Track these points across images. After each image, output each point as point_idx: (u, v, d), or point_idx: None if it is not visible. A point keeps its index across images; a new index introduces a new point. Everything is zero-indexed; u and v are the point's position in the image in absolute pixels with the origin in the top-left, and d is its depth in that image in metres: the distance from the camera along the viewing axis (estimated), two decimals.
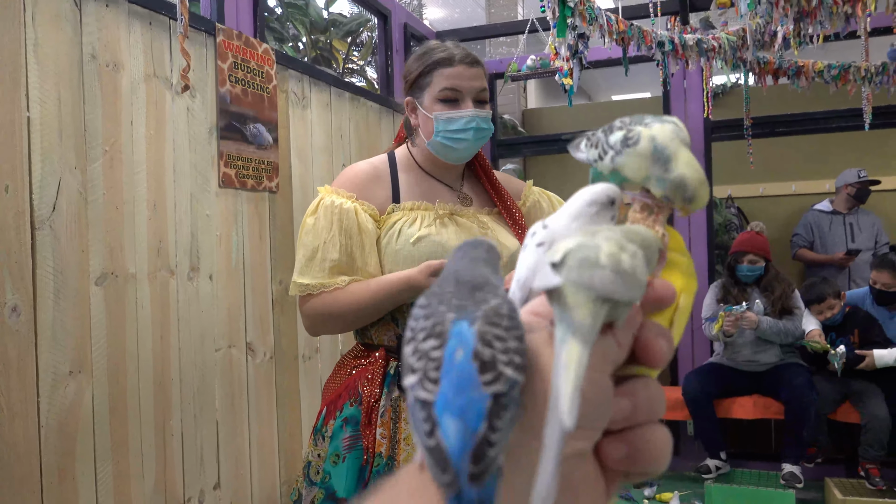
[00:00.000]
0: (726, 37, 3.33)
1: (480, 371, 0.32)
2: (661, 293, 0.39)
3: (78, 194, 1.96)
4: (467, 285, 0.37)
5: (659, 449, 0.37)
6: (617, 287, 0.35)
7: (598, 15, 2.77)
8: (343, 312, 1.54)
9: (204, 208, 2.44)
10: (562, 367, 0.33)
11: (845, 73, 3.81)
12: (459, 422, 0.31)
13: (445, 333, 0.34)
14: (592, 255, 0.35)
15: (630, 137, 0.46)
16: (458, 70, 1.59)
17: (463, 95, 1.60)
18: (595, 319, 0.34)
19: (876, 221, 4.92)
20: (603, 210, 0.45)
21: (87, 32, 2.02)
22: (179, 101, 2.35)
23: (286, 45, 4.86)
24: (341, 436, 1.54)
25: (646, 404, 0.37)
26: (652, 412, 0.38)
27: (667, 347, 0.38)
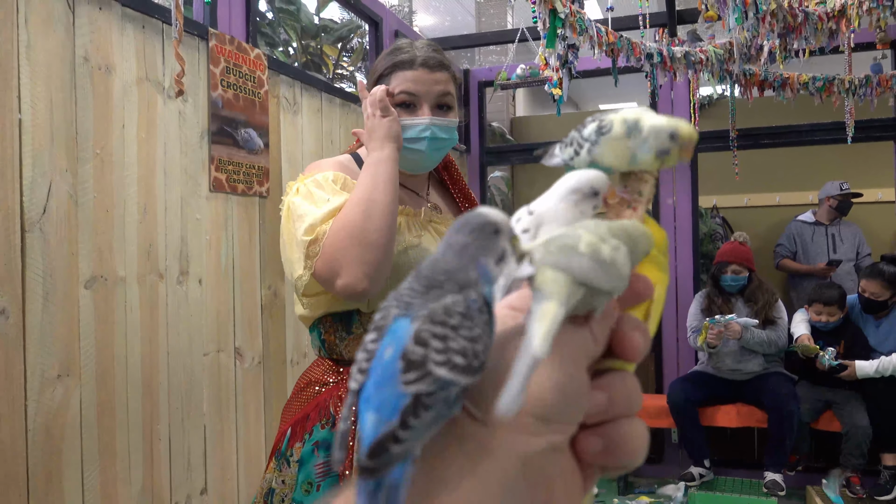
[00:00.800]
0: (713, 50, 3.38)
1: (404, 370, 0.32)
2: (638, 288, 0.40)
3: (68, 197, 1.96)
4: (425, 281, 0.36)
5: (636, 443, 0.37)
6: (595, 275, 0.35)
7: (588, 26, 2.80)
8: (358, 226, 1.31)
9: (194, 212, 2.44)
10: (535, 319, 0.33)
11: (829, 85, 3.88)
12: (375, 415, 0.31)
13: (384, 328, 0.34)
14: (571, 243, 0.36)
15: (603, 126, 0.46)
16: (418, 74, 1.47)
17: (419, 101, 1.48)
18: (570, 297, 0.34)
19: (857, 233, 5.00)
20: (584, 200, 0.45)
21: (80, 35, 2.02)
22: (171, 104, 2.35)
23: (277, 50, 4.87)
24: (313, 461, 1.39)
25: (622, 398, 0.37)
26: (628, 406, 0.38)
27: (643, 341, 0.38)
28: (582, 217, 0.45)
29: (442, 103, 1.49)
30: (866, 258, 4.94)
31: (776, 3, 2.76)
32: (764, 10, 2.70)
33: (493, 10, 7.38)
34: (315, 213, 1.36)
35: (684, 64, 3.30)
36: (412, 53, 1.49)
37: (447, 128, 1.49)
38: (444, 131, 1.49)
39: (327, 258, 1.32)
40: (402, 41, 1.56)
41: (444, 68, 1.50)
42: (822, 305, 3.85)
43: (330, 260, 1.32)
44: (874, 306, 3.84)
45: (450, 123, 1.50)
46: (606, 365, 0.38)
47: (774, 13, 2.76)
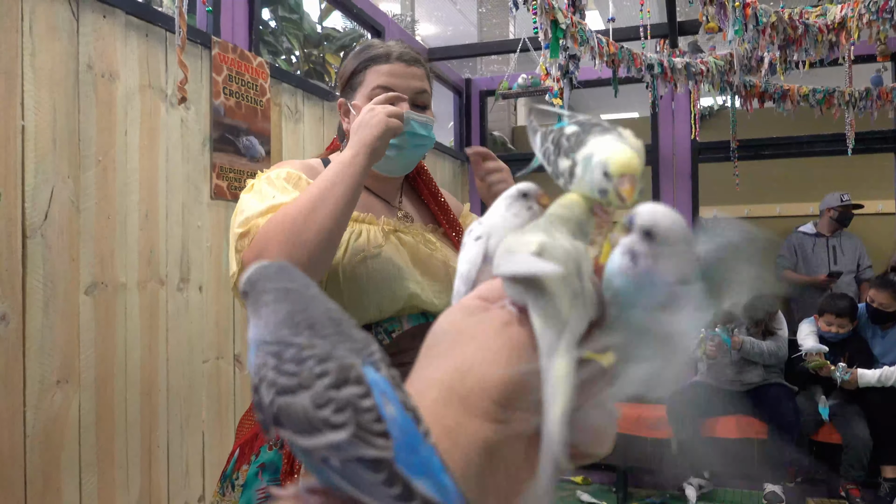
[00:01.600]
0: (714, 61, 3.40)
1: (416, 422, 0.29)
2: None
3: (70, 203, 1.96)
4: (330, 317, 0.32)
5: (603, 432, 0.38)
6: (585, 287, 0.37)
7: (590, 37, 2.82)
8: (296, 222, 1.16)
9: (195, 219, 2.44)
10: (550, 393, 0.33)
11: (830, 98, 3.89)
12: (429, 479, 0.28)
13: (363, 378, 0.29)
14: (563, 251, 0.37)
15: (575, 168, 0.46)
16: (395, 67, 1.37)
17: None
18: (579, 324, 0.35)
19: (858, 244, 5.00)
20: (514, 202, 0.49)
21: (84, 43, 2.04)
22: (173, 112, 2.36)
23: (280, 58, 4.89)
24: (255, 485, 1.26)
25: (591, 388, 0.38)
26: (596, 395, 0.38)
27: None
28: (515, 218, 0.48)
29: (419, 101, 1.39)
30: (867, 270, 4.93)
31: (776, 15, 2.77)
32: (764, 23, 2.72)
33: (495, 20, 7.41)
34: (254, 208, 1.25)
35: (685, 75, 3.32)
36: (387, 48, 1.40)
37: (426, 125, 1.38)
38: (423, 128, 1.37)
39: (253, 249, 1.20)
40: (372, 40, 1.45)
41: (421, 64, 1.42)
42: (833, 316, 3.82)
43: (255, 251, 1.20)
44: (882, 317, 3.83)
45: (428, 121, 1.38)
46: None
47: (774, 25, 2.77)
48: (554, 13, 2.60)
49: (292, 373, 0.28)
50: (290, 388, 0.28)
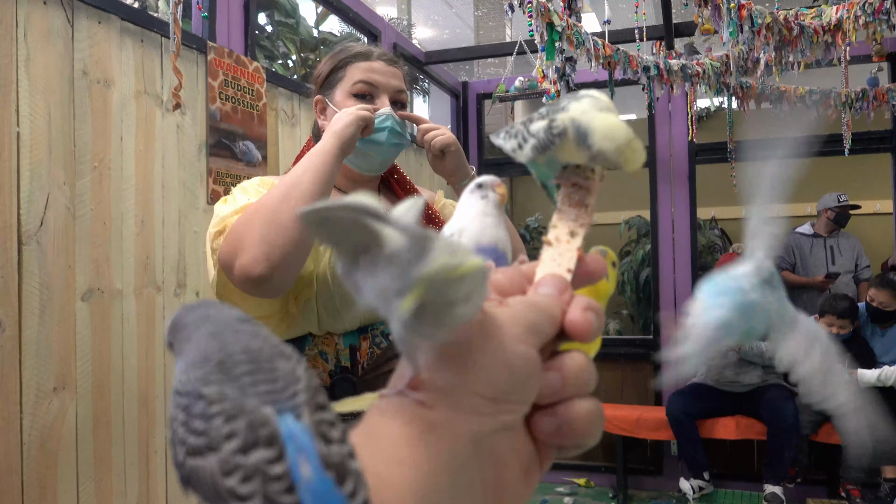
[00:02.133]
0: (710, 62, 3.40)
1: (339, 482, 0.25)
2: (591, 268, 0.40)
3: (66, 209, 1.96)
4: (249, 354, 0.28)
5: (590, 422, 0.38)
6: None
7: (585, 39, 2.82)
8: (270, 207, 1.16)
9: (192, 225, 2.44)
10: None
11: (826, 99, 3.89)
12: None
13: (277, 436, 0.25)
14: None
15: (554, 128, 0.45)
16: (376, 65, 1.38)
17: (378, 91, 1.37)
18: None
19: (856, 245, 5.00)
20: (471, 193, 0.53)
21: (79, 49, 2.04)
22: (169, 117, 2.36)
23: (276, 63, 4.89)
24: None
25: (576, 378, 0.37)
26: (582, 385, 0.38)
27: (596, 321, 0.39)
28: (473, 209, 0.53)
29: (398, 100, 1.40)
30: (865, 270, 4.94)
31: (771, 16, 2.78)
32: (759, 24, 2.72)
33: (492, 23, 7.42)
34: (228, 210, 1.26)
35: (681, 77, 3.32)
36: (368, 48, 1.41)
37: (404, 125, 1.38)
38: (399, 126, 1.36)
39: (230, 240, 1.18)
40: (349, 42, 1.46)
41: (400, 66, 1.43)
42: (834, 317, 3.80)
43: (232, 241, 1.18)
44: (882, 316, 3.82)
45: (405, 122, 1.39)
46: (561, 346, 0.39)
47: (770, 26, 2.77)
48: (550, 16, 2.61)
49: (200, 431, 0.26)
50: (198, 449, 0.26)
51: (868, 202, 5.44)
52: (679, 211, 4.57)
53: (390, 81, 1.39)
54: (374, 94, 1.37)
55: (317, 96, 1.43)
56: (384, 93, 1.37)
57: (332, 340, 1.30)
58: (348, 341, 1.30)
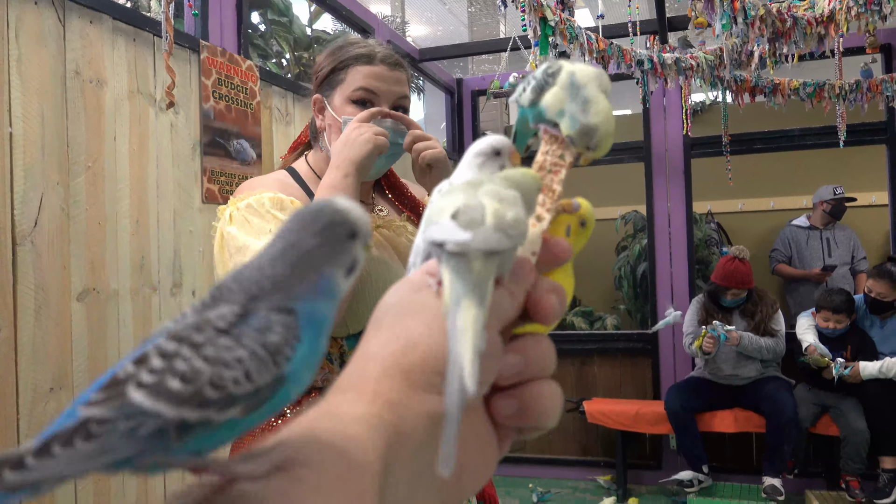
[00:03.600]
0: (704, 56, 3.40)
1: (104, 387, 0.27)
2: (555, 251, 0.40)
3: (60, 210, 1.95)
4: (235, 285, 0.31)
5: (549, 404, 0.38)
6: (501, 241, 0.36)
7: (579, 34, 2.82)
8: None
9: (187, 224, 2.43)
10: (459, 332, 0.33)
11: (820, 91, 3.89)
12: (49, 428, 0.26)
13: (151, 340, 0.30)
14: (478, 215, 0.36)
15: (550, 68, 0.46)
16: (378, 70, 1.33)
17: (379, 99, 1.33)
18: (486, 277, 0.35)
19: (852, 236, 5.01)
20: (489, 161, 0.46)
21: (71, 49, 2.03)
22: (163, 117, 2.35)
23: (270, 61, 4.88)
24: None
25: (536, 360, 0.38)
26: (542, 368, 0.38)
27: (558, 304, 0.39)
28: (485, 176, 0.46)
29: (399, 105, 1.36)
30: (861, 261, 4.94)
31: (764, 8, 2.78)
32: (753, 16, 2.72)
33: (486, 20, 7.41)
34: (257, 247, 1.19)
35: (675, 70, 3.32)
36: (371, 48, 1.35)
37: (402, 133, 1.33)
38: (399, 136, 1.33)
39: None
40: (351, 37, 1.41)
41: (403, 68, 1.37)
42: (830, 312, 3.79)
43: None
44: (881, 307, 3.82)
45: (403, 130, 1.34)
46: (522, 328, 0.39)
47: (763, 18, 2.77)
48: (543, 10, 2.60)
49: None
50: None
51: (863, 194, 5.45)
52: (675, 205, 4.57)
53: (392, 88, 1.34)
54: (374, 102, 1.33)
55: (315, 95, 1.39)
56: (385, 101, 1.33)
57: (336, 343, 1.31)
58: (352, 344, 1.31)
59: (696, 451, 3.91)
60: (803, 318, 3.97)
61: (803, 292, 4.92)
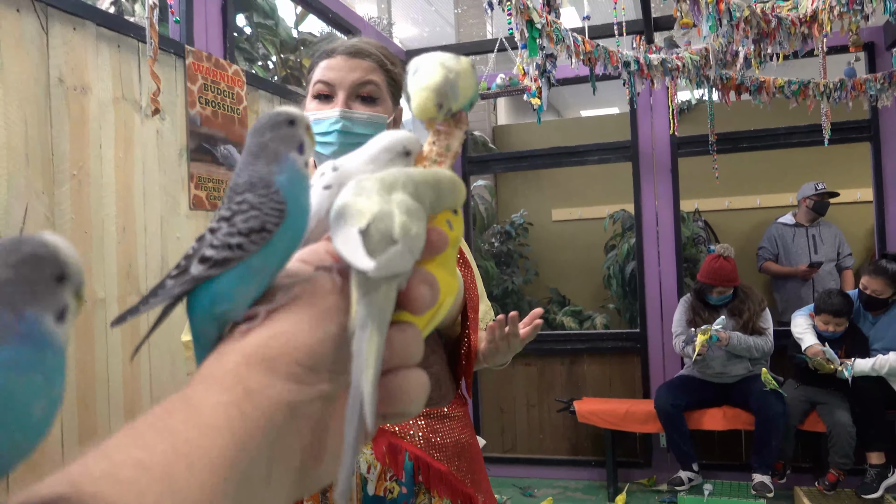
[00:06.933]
0: (690, 56, 3.41)
1: None
2: (432, 239, 0.40)
3: (45, 219, 1.94)
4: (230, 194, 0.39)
5: (414, 391, 0.38)
6: (406, 262, 0.36)
7: (565, 36, 2.82)
8: None
9: (174, 231, 2.42)
10: (362, 364, 0.34)
11: (805, 89, 3.92)
12: None
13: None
14: (388, 227, 0.37)
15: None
16: (335, 61, 1.27)
17: (335, 90, 1.27)
18: (390, 301, 0.36)
19: (838, 233, 5.05)
20: (397, 159, 0.46)
21: (54, 56, 2.01)
22: (149, 123, 2.34)
23: (256, 64, 4.86)
24: None
25: (401, 349, 0.38)
26: (406, 357, 0.39)
27: (429, 295, 0.39)
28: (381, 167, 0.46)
29: (363, 94, 1.27)
30: (847, 258, 4.98)
31: (749, 9, 2.79)
32: (738, 17, 2.73)
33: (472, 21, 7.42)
34: None
35: (661, 71, 3.33)
36: (335, 44, 1.31)
37: (368, 122, 1.26)
38: (360, 125, 1.25)
39: None
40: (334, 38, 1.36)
41: (368, 55, 1.29)
42: (831, 316, 3.78)
43: None
44: (875, 304, 3.84)
45: (372, 118, 1.26)
46: (395, 316, 0.39)
47: (748, 19, 2.79)
48: (529, 13, 2.61)
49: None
50: None
51: (849, 191, 5.49)
52: (662, 204, 4.59)
53: (348, 76, 1.26)
54: (331, 94, 1.27)
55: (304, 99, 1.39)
56: (340, 90, 1.26)
57: None
58: None
59: (686, 449, 3.93)
60: (800, 318, 3.95)
61: (790, 289, 4.96)
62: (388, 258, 0.36)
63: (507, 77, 4.09)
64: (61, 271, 0.31)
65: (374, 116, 1.28)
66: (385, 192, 0.38)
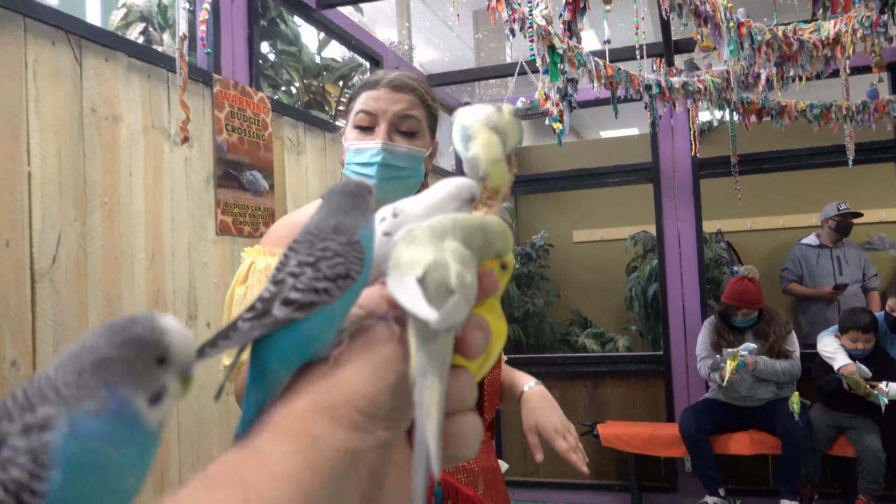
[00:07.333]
0: (711, 79, 3.42)
1: None
2: (485, 285, 0.41)
3: (77, 246, 1.98)
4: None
5: (470, 436, 0.39)
6: (464, 312, 0.37)
7: (587, 60, 2.84)
8: None
9: (201, 256, 2.45)
10: (425, 412, 0.35)
11: (827, 112, 3.90)
12: None
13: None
14: (445, 277, 0.37)
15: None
16: (380, 93, 1.30)
17: (377, 120, 1.29)
18: (448, 349, 0.37)
19: (863, 254, 4.98)
20: (463, 207, 0.45)
21: (87, 87, 2.06)
22: (177, 151, 2.38)
23: (280, 90, 4.94)
24: None
25: (456, 395, 0.39)
26: (462, 402, 0.39)
27: (483, 340, 0.40)
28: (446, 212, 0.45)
29: (404, 127, 1.30)
30: (873, 279, 4.91)
31: (771, 32, 2.80)
32: (759, 41, 2.74)
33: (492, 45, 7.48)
34: None
35: (683, 94, 3.34)
36: (380, 76, 1.33)
37: (407, 156, 1.29)
38: (401, 159, 1.28)
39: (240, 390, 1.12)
40: (382, 70, 1.39)
41: (411, 90, 1.32)
42: (859, 333, 3.74)
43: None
44: None
45: (411, 151, 1.29)
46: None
47: (770, 43, 2.79)
48: (551, 38, 2.63)
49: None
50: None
51: (873, 211, 5.43)
52: (685, 225, 4.57)
53: (390, 107, 1.29)
54: (373, 124, 1.30)
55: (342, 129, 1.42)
56: (382, 121, 1.29)
57: None
58: None
59: (712, 473, 3.88)
60: (828, 338, 3.89)
61: (815, 311, 4.89)
62: (449, 309, 0.36)
63: (528, 101, 4.12)
64: (163, 354, 0.32)
65: (414, 150, 1.30)
66: (437, 239, 0.39)
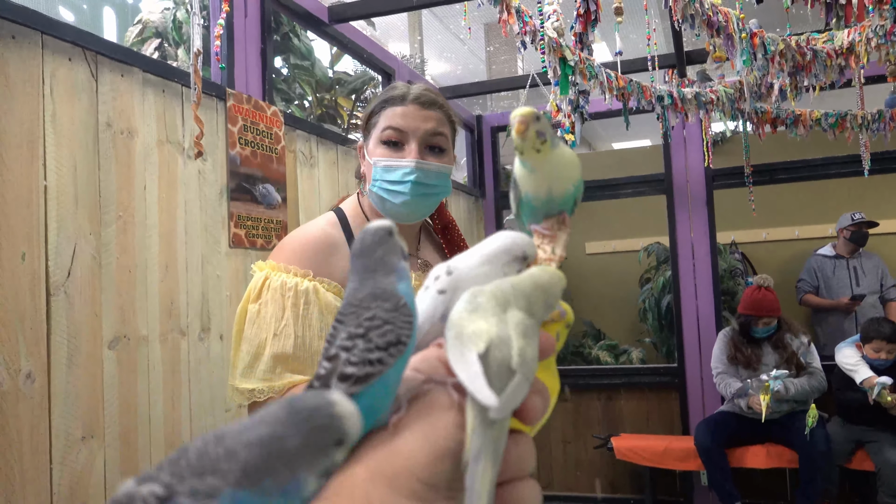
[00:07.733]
0: (724, 89, 3.41)
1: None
2: (543, 348, 0.40)
3: (92, 259, 1.99)
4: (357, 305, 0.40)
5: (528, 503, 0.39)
6: (524, 391, 0.36)
7: (598, 72, 2.84)
8: None
9: (214, 269, 2.47)
10: (476, 496, 0.34)
11: (842, 121, 3.88)
12: None
13: None
14: (507, 356, 0.36)
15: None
16: (408, 109, 1.30)
17: (408, 138, 1.30)
18: (504, 432, 0.36)
19: (880, 264, 4.93)
20: (514, 262, 0.44)
21: (103, 101, 2.09)
22: (191, 164, 2.40)
23: (293, 104, 4.97)
24: None
25: (515, 461, 0.38)
26: (521, 468, 0.39)
27: (541, 405, 0.39)
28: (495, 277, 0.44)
29: (433, 144, 1.32)
30: (891, 289, 4.86)
31: (784, 42, 2.79)
32: (772, 51, 2.73)
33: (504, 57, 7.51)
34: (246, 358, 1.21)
35: (695, 104, 3.33)
36: (405, 90, 1.33)
37: (438, 173, 1.31)
38: (432, 177, 1.31)
39: None
40: (398, 82, 1.40)
41: (439, 107, 1.34)
42: (883, 342, 3.70)
43: None
44: None
45: (441, 168, 1.32)
46: None
47: (783, 53, 2.78)
48: (562, 51, 2.63)
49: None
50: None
51: (890, 221, 5.38)
52: (698, 236, 4.54)
53: (421, 125, 1.30)
54: (403, 142, 1.30)
55: (360, 142, 1.41)
56: (413, 139, 1.30)
57: None
58: None
59: (728, 487, 3.83)
60: (848, 349, 3.85)
61: (832, 322, 4.84)
62: (508, 395, 0.35)
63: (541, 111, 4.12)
64: (341, 439, 0.34)
65: (443, 167, 1.33)
66: (500, 309, 0.38)
